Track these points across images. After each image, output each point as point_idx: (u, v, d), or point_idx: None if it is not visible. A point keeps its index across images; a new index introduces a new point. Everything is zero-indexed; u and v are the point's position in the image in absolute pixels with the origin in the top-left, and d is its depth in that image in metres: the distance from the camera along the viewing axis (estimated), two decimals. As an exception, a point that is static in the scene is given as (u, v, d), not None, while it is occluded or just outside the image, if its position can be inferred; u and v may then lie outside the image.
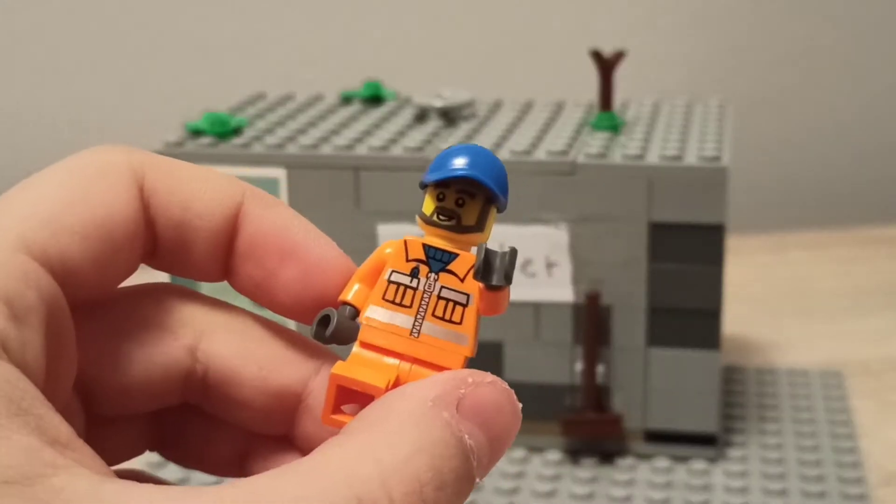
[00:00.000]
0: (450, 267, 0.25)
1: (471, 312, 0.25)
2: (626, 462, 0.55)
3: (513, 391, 0.25)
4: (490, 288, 0.25)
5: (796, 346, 0.69)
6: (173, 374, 0.27)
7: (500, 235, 0.54)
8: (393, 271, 0.26)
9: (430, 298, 0.25)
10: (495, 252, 0.25)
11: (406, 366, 0.25)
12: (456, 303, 0.25)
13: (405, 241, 0.26)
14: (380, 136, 0.56)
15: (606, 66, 0.56)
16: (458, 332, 0.25)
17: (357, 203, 0.54)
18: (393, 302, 0.25)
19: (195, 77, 0.91)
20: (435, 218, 0.25)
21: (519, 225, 0.53)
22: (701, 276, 0.53)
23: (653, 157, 0.53)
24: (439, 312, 0.25)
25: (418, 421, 0.23)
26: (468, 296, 0.25)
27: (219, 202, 0.26)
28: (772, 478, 0.53)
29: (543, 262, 0.54)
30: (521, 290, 0.54)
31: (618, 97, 0.60)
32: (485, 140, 0.55)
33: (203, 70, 0.91)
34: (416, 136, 0.56)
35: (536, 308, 0.54)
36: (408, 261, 0.26)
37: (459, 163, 0.25)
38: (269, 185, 0.55)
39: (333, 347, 0.27)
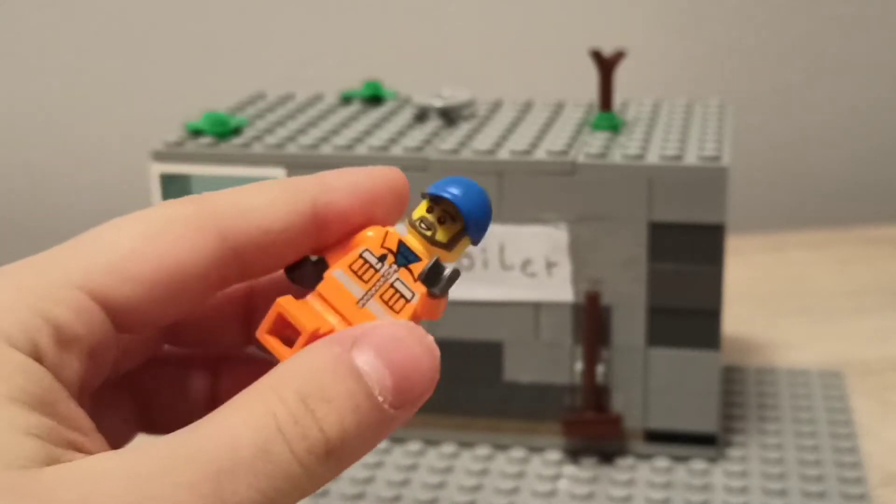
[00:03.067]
0: (411, 266, 0.30)
1: (410, 308, 0.30)
2: (626, 462, 0.55)
3: (420, 329, 0.28)
4: (429, 294, 0.29)
5: (796, 346, 0.69)
6: (217, 304, 0.32)
7: (500, 235, 0.54)
8: (366, 249, 0.30)
9: (384, 283, 0.29)
10: (444, 266, 0.29)
11: (341, 325, 0.29)
12: (402, 295, 0.29)
13: (387, 231, 0.30)
14: (380, 136, 0.56)
15: (606, 66, 0.56)
16: (393, 319, 0.29)
17: (357, 203, 0.54)
18: (356, 273, 0.29)
19: (195, 77, 0.91)
20: (417, 223, 0.30)
21: (519, 225, 0.53)
22: (701, 276, 0.53)
23: (653, 157, 0.53)
24: (386, 297, 0.29)
25: (310, 350, 0.27)
26: (414, 294, 0.30)
27: (288, 209, 0.30)
28: (772, 478, 0.53)
29: (543, 262, 0.54)
30: (521, 290, 0.54)
31: (618, 97, 0.60)
32: (485, 140, 0.55)
33: (203, 70, 0.91)
34: (416, 136, 0.56)
35: (536, 308, 0.54)
36: (381, 247, 0.30)
37: (457, 191, 0.29)
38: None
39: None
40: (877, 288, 0.78)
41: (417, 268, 0.29)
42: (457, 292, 0.55)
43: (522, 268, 0.54)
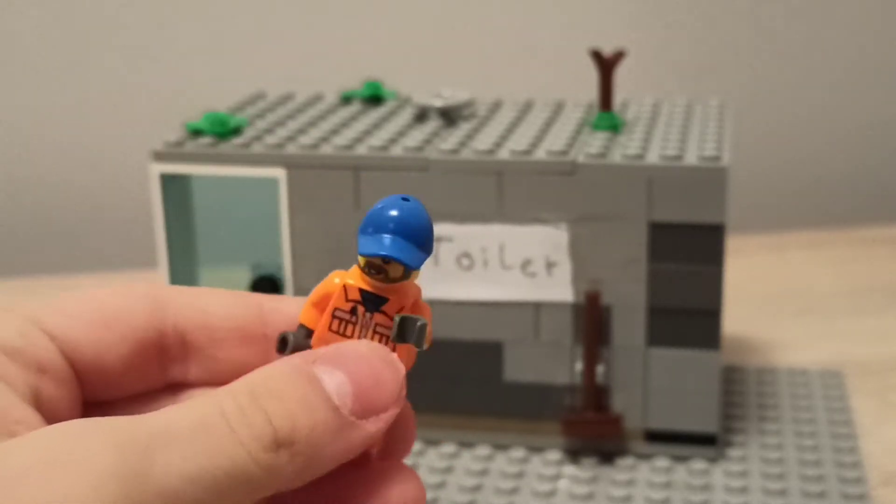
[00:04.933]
0: (383, 308, 0.30)
1: (401, 346, 0.30)
2: (626, 462, 0.55)
3: (384, 348, 0.29)
4: (404, 342, 0.30)
5: (796, 346, 0.69)
6: (146, 347, 0.32)
7: (500, 235, 0.54)
8: (336, 309, 0.30)
9: (368, 331, 0.30)
10: (411, 322, 0.30)
11: None
12: (388, 337, 0.30)
13: (344, 286, 0.30)
14: (380, 136, 0.56)
15: (606, 66, 0.56)
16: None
17: (357, 203, 0.54)
18: (337, 332, 0.30)
19: (195, 77, 0.91)
20: (367, 270, 0.30)
21: (519, 225, 0.53)
22: (701, 276, 0.53)
23: (653, 157, 0.53)
24: (374, 342, 0.30)
25: (272, 364, 0.29)
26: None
27: (236, 306, 0.33)
28: (772, 478, 0.53)
29: (543, 262, 0.54)
30: (521, 289, 0.54)
31: (618, 97, 0.60)
32: (485, 140, 0.55)
33: (203, 70, 0.91)
34: (416, 136, 0.56)
35: (536, 308, 0.54)
36: (347, 301, 0.30)
37: (386, 239, 0.29)
38: (269, 185, 0.55)
39: None
40: (876, 288, 0.78)
41: (389, 308, 0.30)
42: (457, 292, 0.55)
43: (522, 268, 0.54)
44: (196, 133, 0.57)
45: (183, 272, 0.58)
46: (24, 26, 0.90)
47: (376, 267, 0.30)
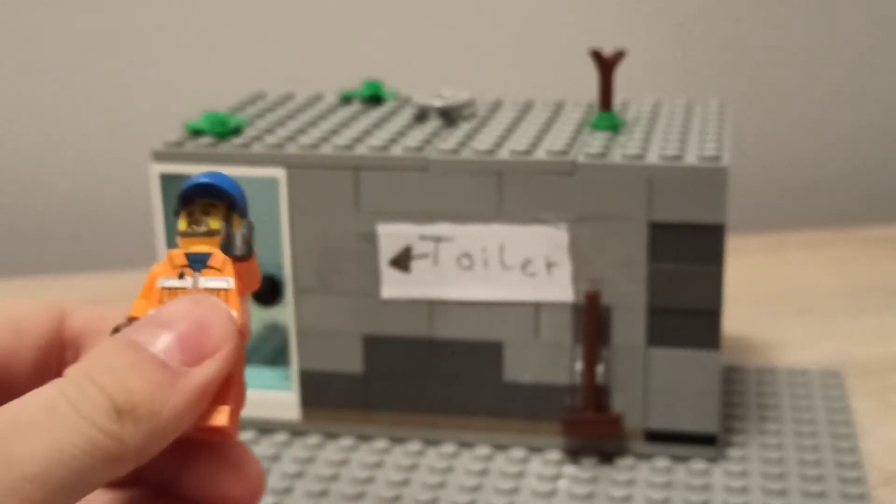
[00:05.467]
0: (209, 263, 0.31)
1: (233, 294, 0.31)
2: (626, 462, 0.55)
3: (207, 295, 0.30)
4: (236, 259, 0.31)
5: (796, 346, 0.69)
6: (49, 353, 0.34)
7: (500, 235, 0.54)
8: (164, 279, 0.31)
9: (199, 291, 0.31)
10: (234, 232, 0.31)
11: None
12: (220, 289, 0.31)
13: (169, 254, 0.31)
14: (380, 136, 0.56)
15: (606, 65, 0.56)
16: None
17: (357, 203, 0.54)
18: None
19: (195, 77, 0.91)
20: (188, 232, 0.31)
21: (519, 225, 0.53)
22: (701, 276, 0.53)
23: (653, 157, 0.53)
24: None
25: (99, 343, 0.30)
26: (228, 280, 0.31)
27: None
28: (772, 478, 0.53)
29: (543, 262, 0.54)
30: (521, 289, 0.54)
31: (618, 97, 0.60)
32: (485, 140, 0.55)
33: (203, 70, 0.91)
34: (416, 136, 0.56)
35: (536, 308, 0.54)
36: (174, 268, 0.31)
37: (197, 178, 0.31)
38: (269, 185, 0.55)
39: None
40: (876, 288, 0.78)
41: (215, 261, 0.31)
42: (457, 292, 0.55)
43: (522, 268, 0.54)
44: (196, 133, 0.57)
45: (183, 272, 0.58)
46: (24, 26, 0.90)
47: (197, 220, 0.31)
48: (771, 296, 0.77)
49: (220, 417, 0.30)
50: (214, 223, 0.31)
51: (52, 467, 0.26)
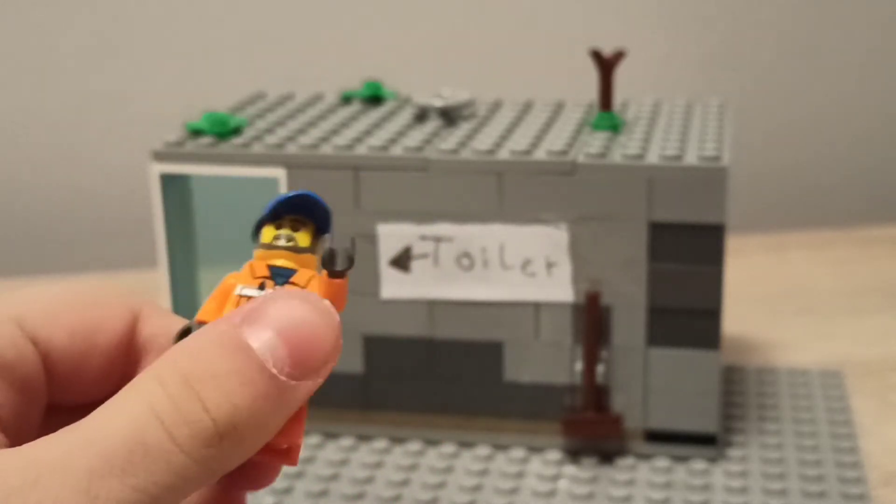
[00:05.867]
0: (292, 280, 0.29)
1: (330, 284, 0.29)
2: (626, 462, 0.55)
3: (314, 295, 0.27)
4: (335, 273, 0.28)
5: (796, 346, 0.69)
6: (119, 358, 0.31)
7: (500, 235, 0.54)
8: (242, 287, 0.28)
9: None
10: (335, 248, 0.29)
11: None
12: None
13: (250, 264, 0.29)
14: (380, 136, 0.56)
15: (606, 65, 0.56)
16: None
17: (357, 203, 0.54)
18: None
19: (195, 77, 0.91)
20: (274, 242, 0.29)
21: (519, 225, 0.53)
22: (701, 276, 0.53)
23: (653, 157, 0.53)
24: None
25: (196, 333, 0.26)
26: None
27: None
28: (772, 478, 0.53)
29: (543, 262, 0.54)
30: (521, 289, 0.54)
31: (618, 97, 0.60)
32: (485, 140, 0.55)
33: (203, 70, 0.91)
34: (416, 136, 0.56)
35: (536, 308, 0.54)
36: (255, 278, 0.29)
37: (289, 193, 0.29)
38: (269, 185, 0.55)
39: None
40: (877, 288, 0.78)
41: (299, 279, 0.29)
42: (457, 292, 0.55)
43: (522, 268, 0.54)
44: (196, 133, 0.57)
45: (183, 272, 0.58)
46: (24, 26, 0.90)
47: (285, 236, 0.29)
48: (771, 296, 0.77)
49: (292, 450, 0.27)
50: (304, 240, 0.29)
51: None
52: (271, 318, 0.26)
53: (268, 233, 0.29)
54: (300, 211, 0.29)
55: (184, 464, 0.24)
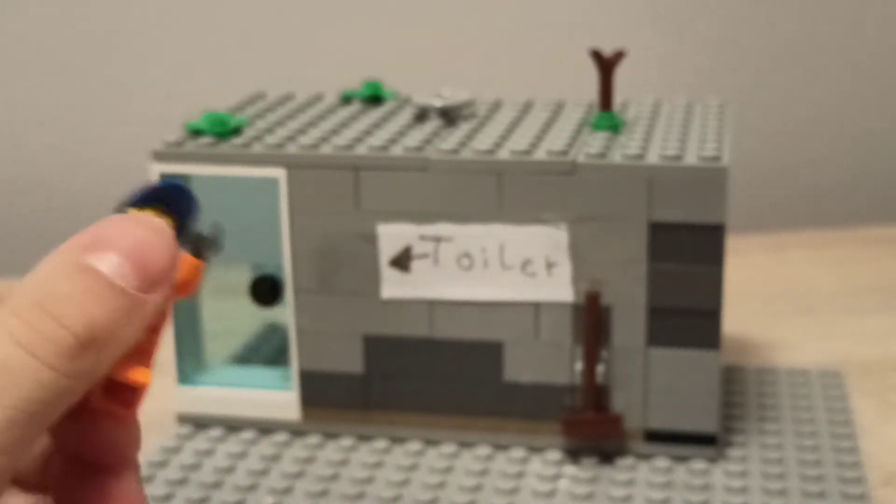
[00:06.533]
0: None
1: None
2: (626, 462, 0.55)
3: (144, 214, 0.29)
4: (199, 256, 0.31)
5: (796, 346, 0.69)
6: None
7: (500, 235, 0.54)
8: None
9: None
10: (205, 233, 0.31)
11: None
12: None
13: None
14: (380, 136, 0.56)
15: (606, 65, 0.56)
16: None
17: (357, 203, 0.54)
18: None
19: (195, 77, 0.91)
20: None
21: (519, 225, 0.53)
22: (701, 276, 0.53)
23: (653, 157, 0.53)
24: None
25: (41, 264, 0.29)
26: None
27: None
28: (772, 478, 0.53)
29: (543, 262, 0.54)
30: (520, 289, 0.54)
31: (618, 97, 0.60)
32: (485, 140, 0.55)
33: (203, 70, 0.91)
34: (416, 136, 0.56)
35: (536, 308, 0.54)
36: None
37: (142, 188, 0.31)
38: (269, 185, 0.55)
39: None
40: (877, 288, 0.78)
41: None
42: (457, 292, 0.55)
43: (522, 268, 0.54)
44: (196, 133, 0.57)
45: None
46: (24, 26, 0.90)
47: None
48: (771, 296, 0.77)
49: (143, 375, 0.29)
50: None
51: (9, 427, 0.25)
52: (113, 241, 0.28)
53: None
54: (164, 203, 0.31)
55: (53, 378, 0.26)
